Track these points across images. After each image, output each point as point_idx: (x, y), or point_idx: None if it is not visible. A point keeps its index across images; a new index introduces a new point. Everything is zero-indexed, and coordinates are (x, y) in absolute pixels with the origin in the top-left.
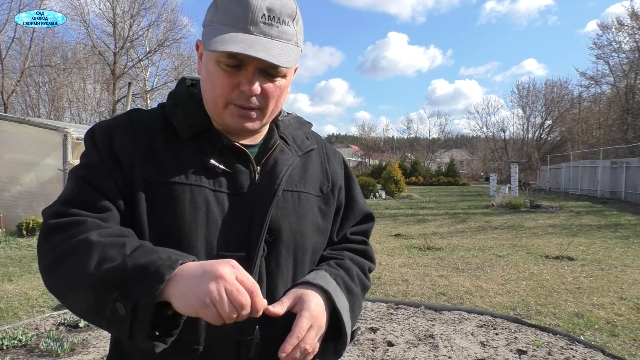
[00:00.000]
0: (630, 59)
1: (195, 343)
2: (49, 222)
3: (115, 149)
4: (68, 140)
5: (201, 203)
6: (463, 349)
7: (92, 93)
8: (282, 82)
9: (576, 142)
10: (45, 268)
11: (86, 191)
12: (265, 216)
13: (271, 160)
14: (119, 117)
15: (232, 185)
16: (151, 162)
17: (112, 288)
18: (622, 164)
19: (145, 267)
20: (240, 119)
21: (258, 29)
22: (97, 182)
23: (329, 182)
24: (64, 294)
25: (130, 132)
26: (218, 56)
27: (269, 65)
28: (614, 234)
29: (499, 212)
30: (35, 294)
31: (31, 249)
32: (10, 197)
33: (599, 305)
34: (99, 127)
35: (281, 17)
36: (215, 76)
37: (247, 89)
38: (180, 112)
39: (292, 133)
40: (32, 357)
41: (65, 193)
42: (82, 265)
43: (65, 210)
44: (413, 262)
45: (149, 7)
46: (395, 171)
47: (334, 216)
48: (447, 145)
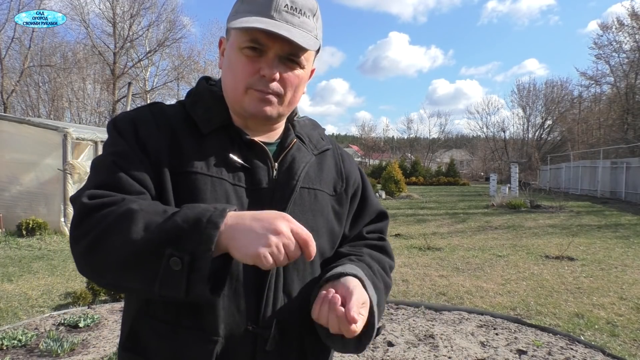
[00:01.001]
0: (630, 58)
1: (214, 334)
2: (84, 203)
3: (142, 139)
4: (68, 140)
5: (221, 195)
6: (463, 349)
7: (92, 93)
8: (300, 72)
9: (576, 142)
10: (86, 248)
11: (119, 176)
12: (284, 212)
13: (289, 158)
14: (140, 109)
15: (251, 180)
16: (175, 153)
17: (166, 244)
18: (622, 164)
19: (197, 219)
20: (259, 103)
21: (281, 16)
22: (128, 167)
23: (343, 181)
24: (109, 269)
25: (154, 124)
26: (240, 43)
27: (289, 52)
28: (614, 234)
29: (499, 212)
30: (35, 294)
31: (31, 249)
32: (10, 197)
33: (599, 305)
34: (122, 117)
35: (303, 10)
36: (237, 63)
37: (267, 73)
38: (201, 108)
39: (308, 133)
40: (32, 357)
41: (96, 178)
42: (128, 232)
43: (101, 192)
44: (413, 262)
45: (149, 7)
46: (395, 171)
47: (347, 215)
48: (447, 145)
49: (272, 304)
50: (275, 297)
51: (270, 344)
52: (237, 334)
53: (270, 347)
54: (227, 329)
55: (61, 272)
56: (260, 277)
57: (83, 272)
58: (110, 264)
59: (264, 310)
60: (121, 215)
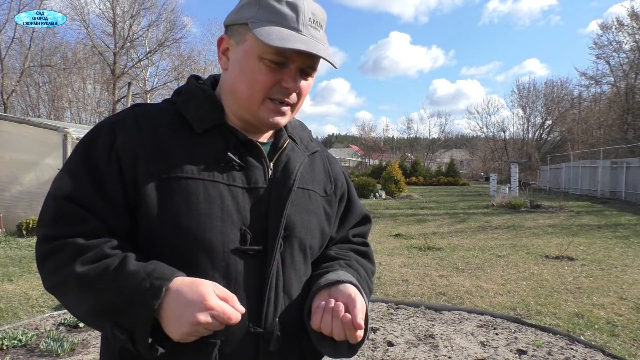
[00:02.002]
0: (630, 58)
1: (212, 336)
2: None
3: (117, 148)
4: (68, 140)
5: (215, 197)
6: (463, 349)
7: (92, 93)
8: (311, 80)
9: (576, 142)
10: (50, 291)
11: (65, 208)
12: (283, 211)
13: (284, 157)
14: (122, 113)
15: (247, 179)
16: (160, 156)
17: (106, 319)
18: (622, 164)
19: (132, 299)
20: (274, 114)
21: (307, 31)
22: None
23: (331, 183)
24: (72, 313)
25: (134, 127)
26: (262, 52)
27: (310, 65)
28: (614, 234)
29: (499, 212)
30: (35, 294)
31: (31, 249)
32: (10, 197)
33: (599, 305)
34: (101, 125)
35: (321, 22)
36: (257, 72)
37: (291, 86)
38: (193, 107)
39: (299, 134)
40: (32, 357)
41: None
42: (74, 300)
43: (49, 233)
44: (413, 262)
45: (149, 7)
46: (395, 171)
47: (335, 216)
48: (447, 145)
49: (274, 304)
50: (277, 298)
51: (273, 345)
52: (239, 336)
53: (274, 347)
54: (227, 332)
55: None
56: (261, 278)
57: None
58: (71, 311)
59: (266, 310)
60: (64, 281)
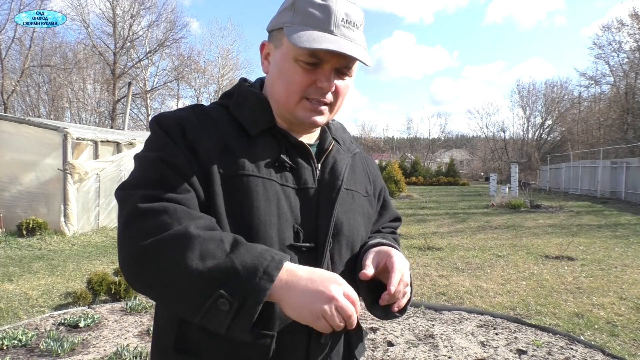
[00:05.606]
0: (630, 58)
1: (269, 329)
2: (138, 205)
3: (190, 140)
4: (68, 140)
5: (272, 195)
6: (463, 349)
7: (92, 93)
8: (349, 81)
9: (576, 142)
10: (136, 253)
11: (167, 173)
12: (332, 211)
13: (330, 159)
14: (183, 111)
15: (297, 180)
16: (226, 156)
17: (218, 284)
18: (622, 164)
19: (254, 267)
20: (311, 113)
21: (340, 31)
22: (176, 166)
23: (371, 184)
24: (156, 284)
25: (200, 126)
26: (297, 55)
27: (345, 65)
28: (613, 233)
29: (498, 212)
30: (35, 294)
31: (31, 249)
32: (10, 197)
33: (599, 305)
34: (167, 117)
35: (356, 22)
36: (293, 73)
37: (325, 86)
38: (247, 110)
39: (342, 136)
40: (32, 357)
41: (143, 174)
42: (183, 258)
43: (152, 193)
44: (413, 262)
45: (149, 7)
46: (395, 171)
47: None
48: (447, 145)
49: None
50: None
51: (325, 337)
52: (292, 328)
53: (325, 340)
54: (282, 324)
55: (61, 272)
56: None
57: (127, 277)
58: (159, 281)
59: None
60: (179, 236)
